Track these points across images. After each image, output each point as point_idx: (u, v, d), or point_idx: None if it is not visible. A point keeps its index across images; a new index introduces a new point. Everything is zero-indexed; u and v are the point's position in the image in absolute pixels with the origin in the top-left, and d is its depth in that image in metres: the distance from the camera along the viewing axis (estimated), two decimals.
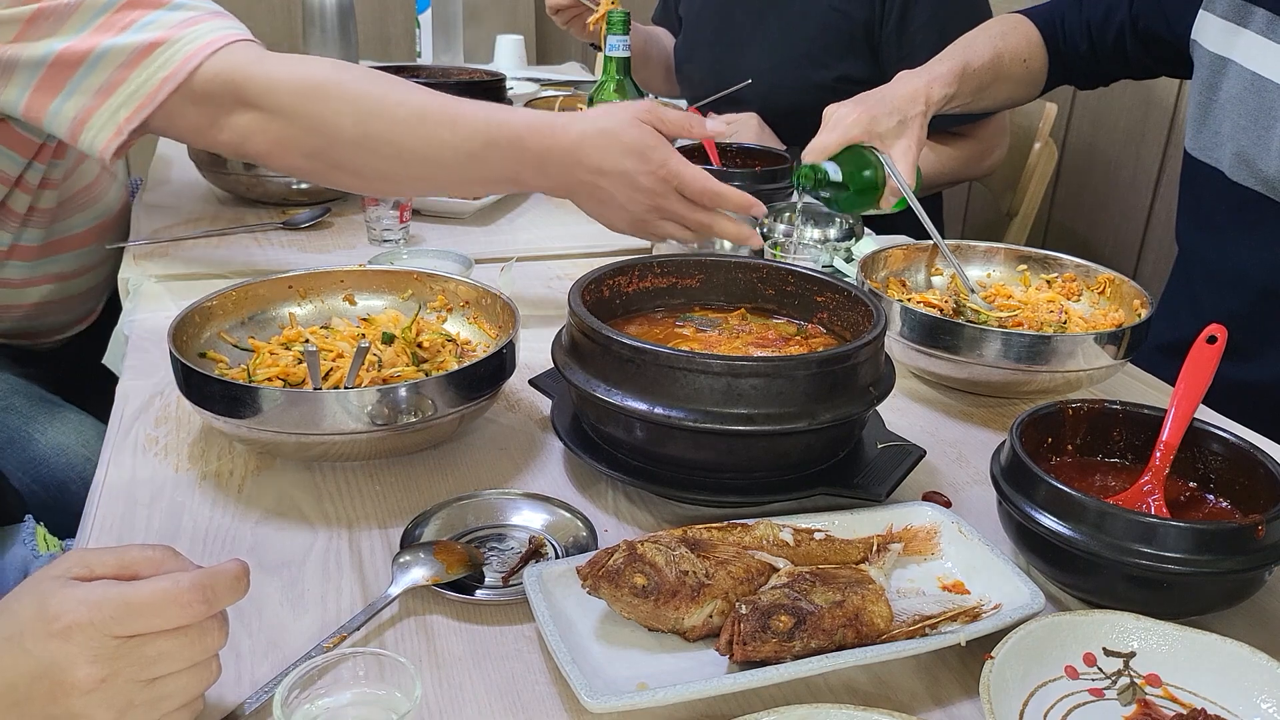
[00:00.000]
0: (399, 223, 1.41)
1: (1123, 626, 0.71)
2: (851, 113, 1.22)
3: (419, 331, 1.00)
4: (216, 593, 0.59)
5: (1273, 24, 1.19)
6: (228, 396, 0.84)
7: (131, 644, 0.57)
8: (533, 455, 0.95)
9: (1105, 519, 0.72)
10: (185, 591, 0.58)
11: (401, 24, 3.32)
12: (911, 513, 0.82)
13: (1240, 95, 1.22)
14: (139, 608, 0.57)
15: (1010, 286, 1.19)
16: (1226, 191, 1.25)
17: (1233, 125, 1.23)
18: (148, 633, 0.57)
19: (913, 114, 1.24)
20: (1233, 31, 1.23)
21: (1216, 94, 1.26)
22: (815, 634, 0.67)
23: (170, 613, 0.58)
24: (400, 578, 0.74)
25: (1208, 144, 1.28)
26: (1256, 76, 1.20)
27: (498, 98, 1.90)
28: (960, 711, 0.68)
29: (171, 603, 0.58)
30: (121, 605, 0.57)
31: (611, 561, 0.69)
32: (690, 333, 0.96)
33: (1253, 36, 1.20)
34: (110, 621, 0.56)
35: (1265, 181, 1.20)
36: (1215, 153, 1.27)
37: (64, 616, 0.56)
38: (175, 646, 0.58)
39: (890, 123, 1.22)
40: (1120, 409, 0.86)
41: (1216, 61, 1.25)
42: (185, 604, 0.58)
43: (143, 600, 0.57)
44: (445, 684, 0.68)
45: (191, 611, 0.58)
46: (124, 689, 0.57)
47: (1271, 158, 1.18)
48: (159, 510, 0.84)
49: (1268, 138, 1.19)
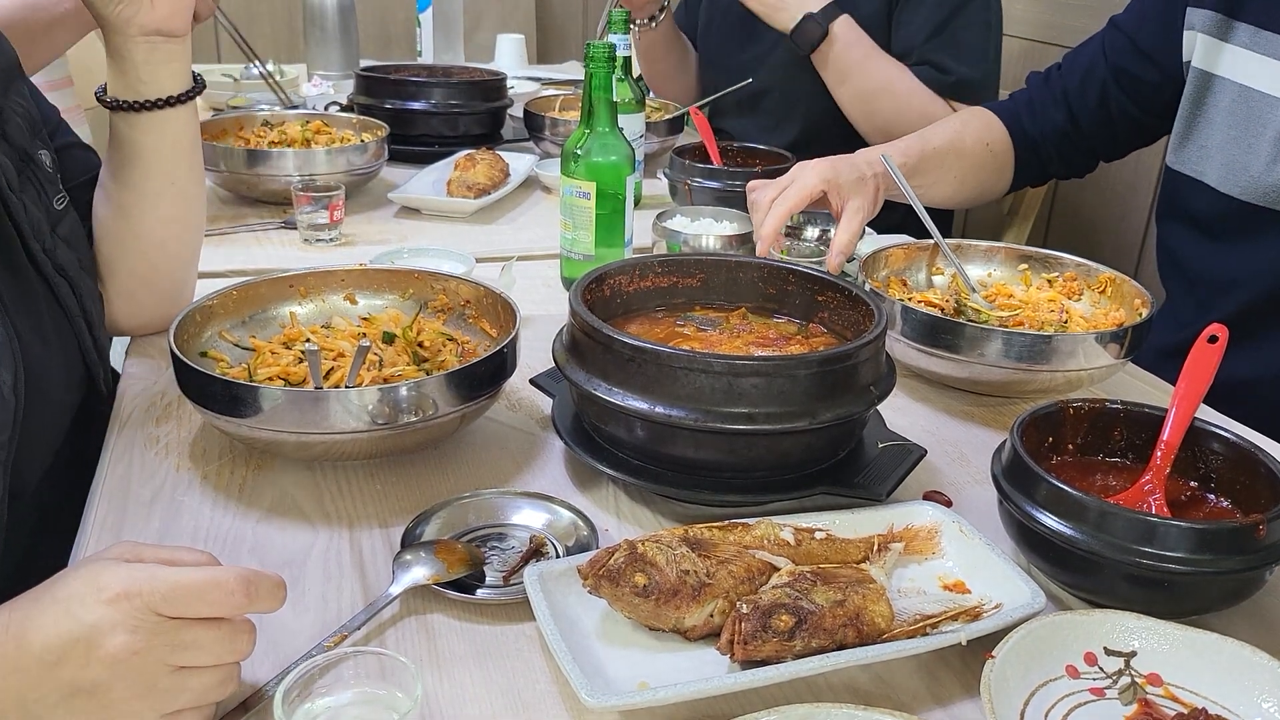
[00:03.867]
0: (330, 221, 1.41)
1: (1124, 626, 0.71)
2: (818, 165, 1.26)
3: (420, 331, 1.00)
4: (259, 591, 0.61)
5: (1256, 37, 1.20)
6: (228, 396, 0.83)
7: (171, 625, 0.59)
8: (533, 454, 0.95)
9: (1106, 518, 0.72)
10: (231, 580, 0.60)
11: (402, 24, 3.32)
12: (912, 512, 0.82)
13: (1229, 107, 1.23)
14: (186, 587, 0.59)
15: (1011, 286, 1.19)
16: (1214, 202, 1.26)
17: (1223, 137, 1.24)
18: (188, 617, 0.59)
19: (870, 174, 1.27)
20: (1215, 46, 1.24)
21: (1203, 108, 1.27)
22: (816, 633, 0.67)
23: (215, 598, 0.60)
24: (401, 577, 0.74)
25: (1192, 158, 1.29)
26: (1243, 88, 1.21)
27: (498, 97, 1.91)
28: (961, 711, 0.68)
29: (218, 588, 0.60)
30: (171, 583, 0.59)
31: (612, 561, 0.69)
32: (691, 332, 0.96)
33: (1237, 50, 1.22)
34: (156, 595, 0.58)
35: (1257, 191, 1.21)
36: (1201, 165, 1.28)
37: (115, 585, 0.58)
38: (208, 639, 0.60)
39: (851, 176, 1.26)
40: (1121, 408, 0.86)
41: (1201, 77, 1.26)
42: (230, 591, 0.60)
43: (191, 581, 0.59)
44: (446, 683, 0.67)
45: (234, 601, 0.60)
46: (151, 669, 0.59)
47: (1260, 166, 1.20)
48: (159, 510, 0.84)
49: (1257, 146, 1.20)
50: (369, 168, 1.58)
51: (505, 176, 1.64)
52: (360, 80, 1.85)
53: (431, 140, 1.83)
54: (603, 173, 1.20)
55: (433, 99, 1.82)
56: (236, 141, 1.63)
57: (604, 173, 1.20)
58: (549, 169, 1.70)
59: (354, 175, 1.55)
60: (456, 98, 1.84)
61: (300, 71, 2.43)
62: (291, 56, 2.70)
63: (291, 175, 1.49)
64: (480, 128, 1.88)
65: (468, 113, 1.85)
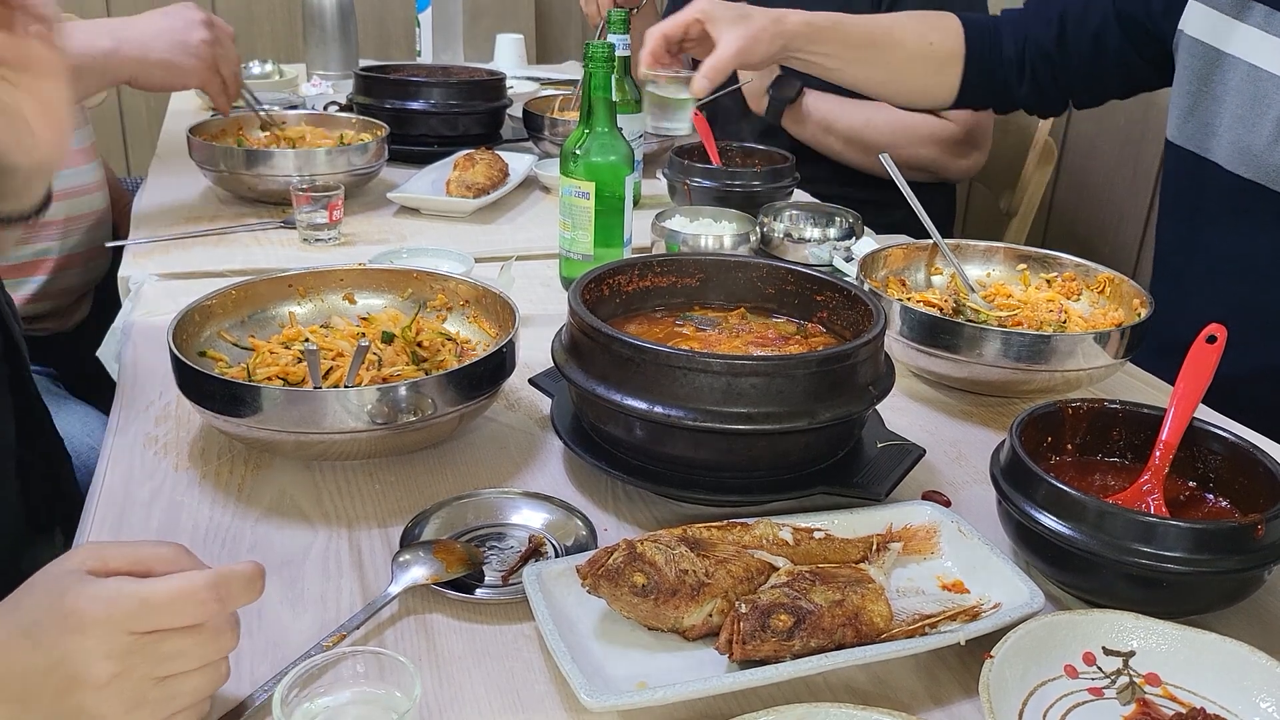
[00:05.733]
0: (329, 221, 1.41)
1: (1122, 626, 0.71)
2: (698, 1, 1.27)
3: (419, 330, 1.00)
4: (231, 591, 0.60)
5: (1270, 18, 1.20)
6: (227, 395, 0.83)
7: (147, 641, 0.57)
8: (532, 454, 0.95)
9: (1105, 518, 0.72)
10: (201, 589, 0.58)
11: (401, 24, 3.32)
12: (911, 512, 0.82)
13: (1238, 86, 1.23)
14: (155, 604, 0.57)
15: (1010, 286, 1.19)
16: (1221, 181, 1.25)
17: (1231, 116, 1.24)
18: (163, 630, 0.58)
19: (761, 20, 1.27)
20: (1228, 24, 1.24)
21: (1209, 85, 1.26)
22: (815, 633, 0.67)
23: (186, 610, 0.58)
24: (400, 576, 0.74)
25: (1195, 133, 1.28)
26: (1254, 68, 1.21)
27: (497, 97, 1.91)
28: (960, 711, 0.68)
29: (187, 600, 0.58)
30: (138, 602, 0.57)
31: (611, 560, 0.69)
32: (690, 332, 0.96)
33: (1250, 30, 1.22)
34: (127, 618, 0.57)
35: (1262, 170, 1.21)
36: (1207, 143, 1.27)
37: (80, 612, 0.56)
38: (189, 645, 0.59)
39: (730, 14, 1.25)
40: (1120, 408, 0.86)
41: (1210, 53, 1.26)
42: (201, 601, 0.58)
43: (159, 597, 0.58)
44: (445, 683, 0.68)
45: (206, 610, 0.58)
46: (137, 686, 0.57)
47: (1263, 145, 1.20)
48: (159, 509, 0.84)
49: (1261, 126, 1.20)
50: (369, 168, 1.58)
51: (504, 176, 1.64)
52: (360, 80, 1.85)
53: (431, 140, 1.83)
54: (602, 173, 1.20)
55: (432, 99, 1.82)
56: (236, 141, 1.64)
57: (603, 173, 1.20)
58: (548, 169, 1.70)
59: (354, 175, 1.55)
60: (456, 98, 1.83)
61: (300, 71, 2.43)
62: (291, 56, 2.70)
63: (291, 175, 1.49)
64: (479, 127, 1.88)
65: (467, 113, 1.85)
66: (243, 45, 3.14)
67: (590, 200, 1.21)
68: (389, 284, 1.08)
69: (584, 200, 1.22)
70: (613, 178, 1.21)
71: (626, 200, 1.24)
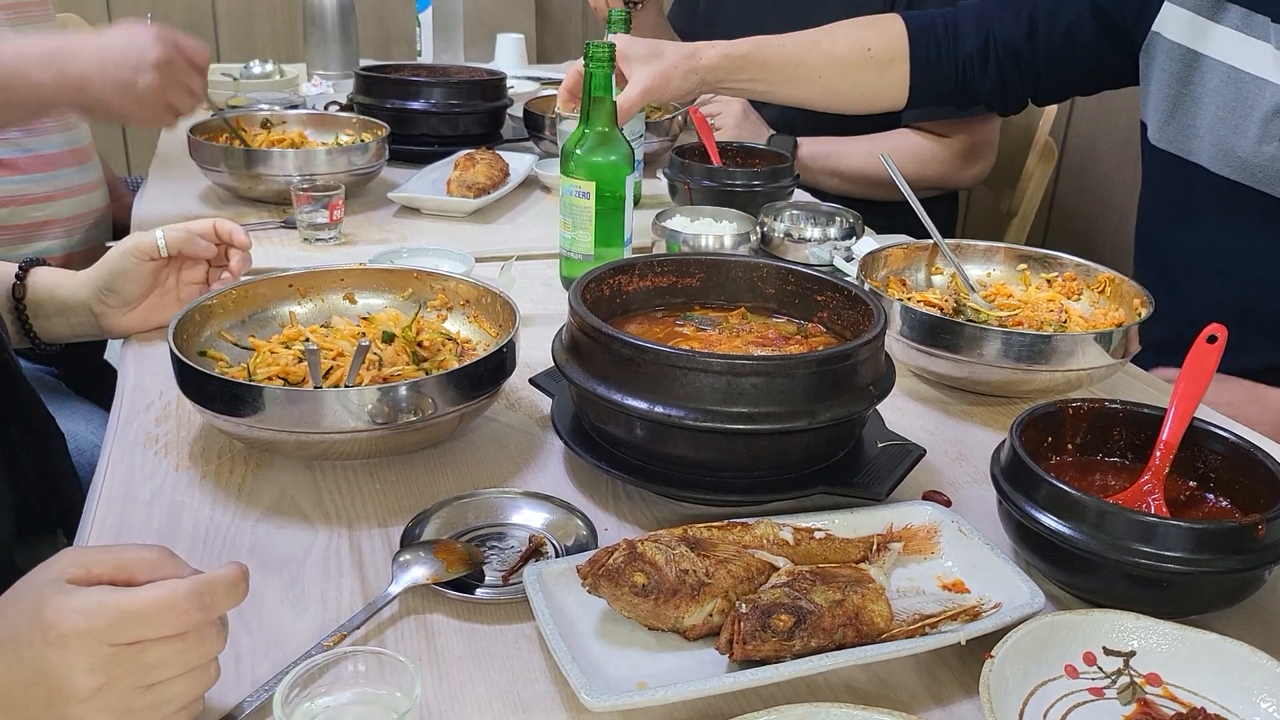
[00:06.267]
0: (329, 221, 1.41)
1: (1122, 626, 0.71)
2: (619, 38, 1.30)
3: (419, 330, 1.00)
4: (214, 599, 0.59)
5: (1247, 19, 1.20)
6: (228, 395, 0.84)
7: (129, 651, 0.57)
8: (533, 454, 0.95)
9: (1105, 518, 0.72)
10: (182, 599, 0.58)
11: (401, 24, 3.32)
12: (911, 512, 0.82)
13: (1217, 88, 1.23)
14: (136, 615, 0.57)
15: (1010, 286, 1.19)
16: (1205, 182, 1.25)
17: (1212, 118, 1.24)
18: (145, 639, 0.57)
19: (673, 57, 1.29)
20: (1204, 26, 1.24)
21: (1188, 87, 1.26)
22: (815, 633, 0.67)
23: (167, 620, 0.57)
24: (400, 576, 0.74)
25: (1177, 136, 1.28)
26: (1233, 70, 1.21)
27: (498, 97, 1.91)
28: (960, 710, 0.68)
29: (169, 610, 0.57)
30: (119, 613, 0.56)
31: (611, 560, 0.69)
32: (690, 331, 0.96)
33: (1227, 31, 1.22)
34: (107, 629, 0.56)
35: (1245, 170, 1.21)
36: (1189, 145, 1.27)
37: (60, 624, 0.56)
38: (173, 653, 0.58)
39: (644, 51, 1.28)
40: (1120, 408, 0.86)
41: (1188, 55, 1.26)
42: (182, 611, 0.58)
43: (140, 608, 0.57)
44: (445, 683, 0.68)
45: (189, 619, 0.58)
46: (122, 696, 0.57)
47: (1248, 146, 1.20)
48: (159, 509, 0.84)
49: (1245, 127, 1.21)
50: (369, 168, 1.58)
51: (505, 176, 1.64)
52: (360, 80, 1.85)
53: (431, 140, 1.83)
54: (602, 172, 1.20)
55: (432, 99, 1.82)
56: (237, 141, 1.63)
57: (603, 172, 1.20)
58: (548, 168, 1.70)
59: (354, 175, 1.55)
60: (456, 97, 1.83)
61: (300, 71, 2.43)
62: (291, 56, 2.70)
63: (291, 175, 1.49)
64: (480, 127, 1.88)
65: (467, 112, 1.85)
66: (243, 45, 3.16)
67: (590, 200, 1.21)
68: (389, 284, 1.08)
69: (584, 200, 1.22)
70: (613, 177, 1.21)
71: (627, 200, 1.24)
